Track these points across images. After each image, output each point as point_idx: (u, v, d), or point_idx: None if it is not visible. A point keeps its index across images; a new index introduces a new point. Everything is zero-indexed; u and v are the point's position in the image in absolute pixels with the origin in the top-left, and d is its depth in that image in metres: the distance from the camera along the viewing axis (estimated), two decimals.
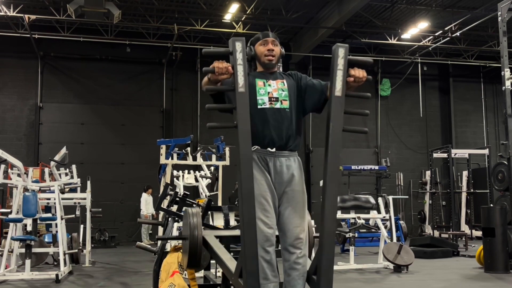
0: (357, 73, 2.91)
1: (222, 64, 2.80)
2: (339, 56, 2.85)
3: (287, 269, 2.98)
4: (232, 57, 2.78)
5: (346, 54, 2.85)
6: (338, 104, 2.84)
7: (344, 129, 2.85)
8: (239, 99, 2.75)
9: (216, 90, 2.94)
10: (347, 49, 2.86)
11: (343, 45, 2.86)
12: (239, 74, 2.76)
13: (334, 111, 2.83)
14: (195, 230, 3.38)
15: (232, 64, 2.78)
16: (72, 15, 11.66)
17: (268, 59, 3.18)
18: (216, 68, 2.80)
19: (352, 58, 2.88)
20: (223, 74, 2.82)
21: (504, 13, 7.99)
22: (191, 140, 10.11)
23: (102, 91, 15.40)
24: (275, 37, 3.27)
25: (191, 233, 3.38)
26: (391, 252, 7.66)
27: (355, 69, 2.93)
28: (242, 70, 2.77)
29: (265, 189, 3.00)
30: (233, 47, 2.78)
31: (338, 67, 2.84)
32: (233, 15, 13.90)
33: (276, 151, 3.07)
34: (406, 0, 13.80)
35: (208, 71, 2.82)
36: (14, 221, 7.47)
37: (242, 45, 2.80)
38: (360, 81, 2.93)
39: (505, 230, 7.40)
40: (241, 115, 2.74)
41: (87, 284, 6.79)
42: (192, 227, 3.38)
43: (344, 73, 2.84)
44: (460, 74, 18.04)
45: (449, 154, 12.69)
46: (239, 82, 2.75)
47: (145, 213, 13.78)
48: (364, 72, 2.93)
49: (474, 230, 13.47)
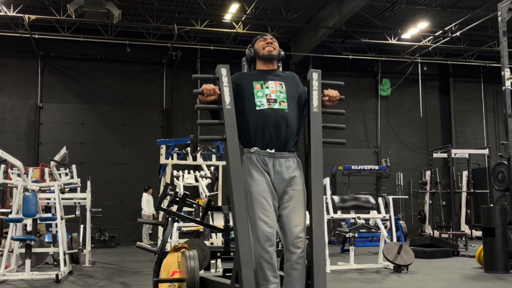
0: (331, 93, 3.24)
1: (210, 86, 3.11)
2: (313, 79, 3.24)
3: (288, 269, 2.99)
4: (219, 81, 3.12)
5: (320, 78, 3.27)
6: (316, 119, 3.18)
7: (324, 141, 3.19)
8: (227, 115, 3.06)
9: (204, 108, 3.20)
10: (320, 73, 3.28)
11: (316, 70, 3.28)
12: (225, 94, 3.10)
13: (313, 125, 3.17)
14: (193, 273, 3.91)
15: (219, 87, 3.10)
16: (72, 15, 11.66)
17: (268, 50, 3.27)
18: (204, 90, 3.09)
19: (325, 82, 3.28)
20: (211, 95, 3.09)
21: (504, 13, 7.99)
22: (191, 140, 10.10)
23: (102, 91, 15.40)
24: (274, 37, 3.41)
25: (189, 276, 3.90)
26: (391, 252, 7.66)
27: (329, 90, 3.26)
28: (228, 91, 3.11)
29: (264, 189, 3.01)
30: (219, 72, 3.14)
31: (314, 88, 3.23)
32: (233, 15, 13.90)
33: (275, 152, 3.09)
34: (406, 0, 13.80)
35: (198, 93, 3.13)
36: (14, 221, 7.46)
37: (227, 70, 3.14)
38: (334, 100, 3.25)
39: (505, 230, 7.40)
40: (229, 130, 3.04)
41: (87, 284, 6.79)
42: (190, 271, 3.91)
43: (319, 93, 3.23)
44: (460, 74, 18.04)
45: (449, 154, 12.69)
46: (226, 101, 3.09)
47: (147, 213, 13.78)
48: (337, 92, 3.26)
49: (474, 230, 13.47)
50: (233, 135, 3.04)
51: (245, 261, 2.84)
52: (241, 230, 2.89)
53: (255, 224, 2.94)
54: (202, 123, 3.15)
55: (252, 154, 3.09)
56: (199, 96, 3.14)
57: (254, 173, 3.03)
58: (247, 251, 2.87)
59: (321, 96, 3.21)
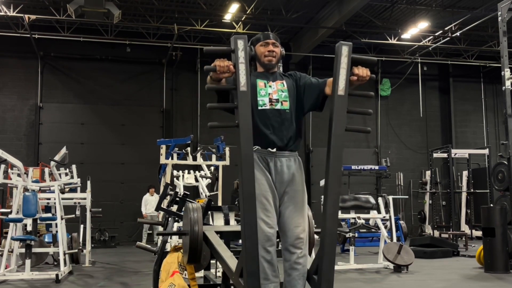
0: (361, 72, 2.84)
1: (223, 62, 2.75)
2: (342, 54, 2.76)
3: (288, 269, 2.98)
4: (234, 55, 2.72)
5: (350, 53, 2.77)
6: (341, 103, 2.75)
7: (347, 129, 2.78)
8: (241, 98, 2.69)
9: (217, 89, 2.90)
10: (351, 47, 2.78)
11: (346, 43, 2.79)
12: (241, 73, 2.69)
13: (337, 110, 2.75)
14: (196, 225, 3.35)
15: (234, 63, 2.72)
16: (72, 15, 11.66)
17: (268, 60, 3.18)
18: (217, 67, 2.75)
19: (356, 56, 2.81)
20: (225, 73, 2.77)
21: (504, 13, 7.99)
22: (191, 140, 10.11)
23: (102, 91, 15.40)
24: (276, 38, 3.25)
25: (192, 228, 3.35)
26: (391, 252, 7.66)
27: (359, 67, 2.85)
28: (244, 68, 2.70)
29: (266, 189, 3.00)
30: (235, 45, 2.72)
31: (342, 66, 2.75)
32: (233, 15, 13.89)
33: (276, 151, 3.08)
34: (406, 0, 13.80)
35: (209, 69, 2.77)
36: (14, 221, 7.47)
37: (244, 43, 2.73)
38: (364, 80, 2.87)
39: (505, 230, 7.40)
40: (242, 115, 2.69)
41: (87, 284, 6.79)
42: (193, 222, 3.36)
43: (347, 72, 2.76)
44: (460, 74, 18.04)
45: (449, 154, 12.69)
46: (241, 81, 2.69)
47: (144, 213, 13.71)
48: (368, 71, 2.86)
49: (474, 230, 13.47)
50: (247, 121, 2.69)
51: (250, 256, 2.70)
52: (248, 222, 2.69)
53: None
54: (213, 106, 2.81)
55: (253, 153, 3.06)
56: (211, 73, 2.81)
57: (255, 172, 3.01)
58: (254, 244, 2.71)
59: (349, 76, 2.80)
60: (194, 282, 4.05)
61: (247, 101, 2.71)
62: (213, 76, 2.83)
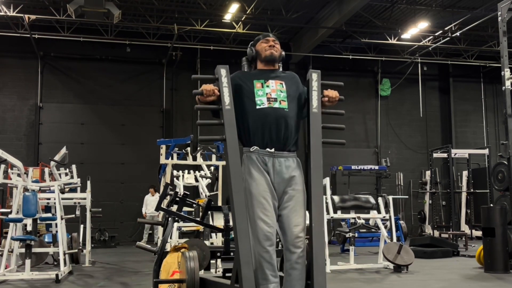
0: (330, 94, 3.26)
1: (209, 87, 3.11)
2: (313, 79, 3.25)
3: (288, 269, 2.99)
4: (218, 82, 3.13)
5: (319, 78, 3.27)
6: (316, 119, 3.18)
7: (324, 142, 3.18)
8: (226, 116, 3.07)
9: (204, 109, 3.20)
10: (319, 74, 3.29)
11: (315, 70, 3.30)
12: (225, 95, 3.10)
13: (313, 125, 3.16)
14: (193, 274, 3.93)
15: (219, 87, 3.11)
16: (72, 15, 11.66)
17: (270, 52, 3.28)
18: (204, 91, 3.10)
19: (324, 82, 3.28)
20: (211, 96, 3.10)
21: (504, 13, 7.99)
22: (191, 140, 10.11)
23: (102, 91, 15.40)
24: (276, 38, 3.40)
25: (190, 277, 3.92)
26: (391, 252, 7.66)
27: (329, 90, 3.27)
28: (228, 91, 3.11)
29: (264, 189, 3.01)
30: (219, 73, 3.15)
31: (313, 89, 3.23)
32: (233, 15, 13.89)
33: (275, 151, 3.09)
34: (406, 0, 13.80)
35: (197, 93, 3.14)
36: (14, 221, 7.46)
37: (226, 71, 3.15)
38: (334, 100, 3.26)
39: (505, 230, 7.40)
40: (228, 130, 3.05)
41: (87, 284, 6.79)
42: (190, 272, 3.94)
43: (318, 93, 3.23)
44: (460, 74, 18.04)
45: (449, 154, 12.69)
46: (226, 101, 3.10)
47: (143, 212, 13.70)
48: (336, 92, 3.28)
49: (474, 230, 13.46)
50: (233, 136, 3.05)
51: (244, 261, 2.84)
52: (241, 230, 2.89)
53: (255, 224, 2.94)
54: (201, 123, 3.22)
55: (252, 153, 3.09)
56: (199, 96, 3.16)
57: (254, 172, 3.03)
58: (247, 251, 2.87)
59: (321, 97, 3.22)
60: None
61: (232, 118, 3.08)
62: (201, 99, 3.17)
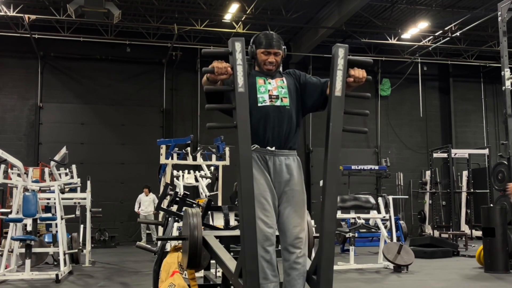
0: (356, 73, 2.91)
1: (221, 64, 2.79)
2: (339, 56, 2.84)
3: (287, 269, 2.98)
4: (232, 57, 2.76)
5: (346, 54, 2.84)
6: (338, 104, 2.83)
7: (344, 129, 2.84)
8: (239, 99, 2.73)
9: (216, 90, 2.92)
10: (347, 49, 2.85)
11: (342, 45, 2.85)
12: (238, 74, 2.74)
13: (334, 111, 2.82)
14: (195, 230, 3.36)
15: (232, 64, 2.76)
16: (72, 15, 11.66)
17: (268, 69, 3.15)
18: (215, 68, 2.78)
19: (352, 58, 2.86)
20: (223, 75, 2.80)
21: (504, 13, 7.99)
22: (191, 140, 10.12)
23: (102, 91, 15.40)
24: (278, 41, 3.22)
25: (191, 233, 3.36)
26: (391, 252, 7.66)
27: (355, 69, 2.92)
28: (242, 70, 2.74)
29: (264, 189, 2.99)
30: (233, 47, 2.76)
31: (338, 67, 2.83)
32: (233, 15, 13.90)
33: (275, 149, 3.07)
34: (406, 0, 13.80)
35: (207, 71, 2.81)
36: (14, 221, 7.47)
37: (241, 45, 2.77)
38: (360, 81, 2.92)
39: (505, 230, 7.40)
40: (240, 115, 2.73)
41: (87, 284, 6.79)
42: (192, 227, 3.36)
43: (344, 73, 2.83)
44: (460, 74, 18.04)
45: (449, 154, 12.69)
46: (239, 82, 2.74)
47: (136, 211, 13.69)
48: (364, 72, 2.92)
49: (474, 230, 13.47)
50: (245, 122, 2.73)
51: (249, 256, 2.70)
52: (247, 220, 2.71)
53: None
54: (211, 107, 2.86)
55: (252, 152, 3.06)
56: (208, 74, 2.85)
57: (254, 172, 3.01)
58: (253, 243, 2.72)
59: (346, 77, 2.86)
60: (194, 282, 4.05)
61: (245, 102, 2.74)
62: (210, 78, 2.86)
